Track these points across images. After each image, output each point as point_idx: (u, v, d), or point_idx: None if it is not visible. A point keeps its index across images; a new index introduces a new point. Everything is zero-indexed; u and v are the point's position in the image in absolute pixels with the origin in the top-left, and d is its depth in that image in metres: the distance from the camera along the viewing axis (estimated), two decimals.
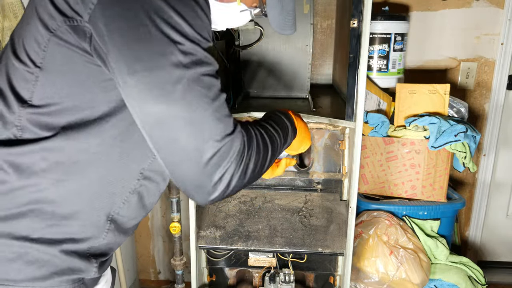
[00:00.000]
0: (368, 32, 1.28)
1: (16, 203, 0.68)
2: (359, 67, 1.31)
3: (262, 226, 1.46)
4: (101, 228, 0.75)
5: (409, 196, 1.72)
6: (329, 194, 1.52)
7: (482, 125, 2.15)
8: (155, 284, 2.43)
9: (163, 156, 0.66)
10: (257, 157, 0.72)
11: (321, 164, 1.51)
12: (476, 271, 1.72)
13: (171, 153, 0.65)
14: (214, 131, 0.64)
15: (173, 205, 1.61)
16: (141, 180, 0.78)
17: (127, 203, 0.78)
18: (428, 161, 1.66)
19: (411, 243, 1.60)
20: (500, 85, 2.07)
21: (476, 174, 2.22)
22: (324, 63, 1.98)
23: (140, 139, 0.71)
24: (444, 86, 1.67)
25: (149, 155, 0.76)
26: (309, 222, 1.46)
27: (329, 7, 1.92)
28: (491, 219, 2.30)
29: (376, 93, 1.76)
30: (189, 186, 0.67)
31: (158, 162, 0.77)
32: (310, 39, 1.58)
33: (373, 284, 1.57)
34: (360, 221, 1.68)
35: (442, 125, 1.60)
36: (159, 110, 0.62)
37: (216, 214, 1.50)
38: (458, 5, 1.99)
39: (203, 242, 1.45)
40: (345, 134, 1.50)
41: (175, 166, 0.66)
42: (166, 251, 2.38)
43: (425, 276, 1.57)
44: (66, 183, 0.69)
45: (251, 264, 1.62)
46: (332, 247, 1.41)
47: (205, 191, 0.67)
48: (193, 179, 0.66)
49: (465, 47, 2.04)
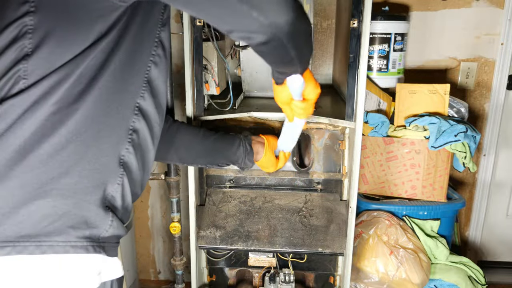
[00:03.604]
0: (368, 32, 1.28)
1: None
2: (359, 67, 1.31)
3: (262, 226, 1.46)
4: (115, 172, 0.76)
5: (409, 196, 1.72)
6: (329, 194, 1.53)
7: (482, 125, 2.15)
8: (155, 284, 2.43)
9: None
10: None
11: (321, 164, 1.51)
12: (476, 271, 1.72)
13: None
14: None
15: (173, 205, 1.61)
16: (138, 115, 0.78)
17: (131, 147, 0.78)
18: (428, 161, 1.66)
19: (411, 243, 1.60)
20: (500, 85, 2.07)
21: (476, 174, 2.22)
22: (324, 63, 1.98)
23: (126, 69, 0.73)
24: (444, 86, 1.67)
25: (142, 87, 0.78)
26: (309, 222, 1.46)
27: (329, 7, 1.92)
28: (491, 219, 2.29)
29: (376, 93, 1.76)
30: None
31: (150, 98, 0.79)
32: None
33: (373, 284, 1.57)
34: (360, 221, 1.68)
35: (442, 125, 1.60)
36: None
37: (216, 214, 1.50)
38: (458, 5, 1.99)
39: (203, 242, 1.45)
40: (345, 134, 1.50)
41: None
42: (166, 251, 2.38)
43: (425, 276, 1.57)
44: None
45: (251, 264, 1.62)
46: (332, 247, 1.41)
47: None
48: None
49: (465, 47, 2.04)
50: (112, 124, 0.75)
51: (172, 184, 1.59)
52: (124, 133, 0.77)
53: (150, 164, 0.88)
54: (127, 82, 0.76)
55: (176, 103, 2.00)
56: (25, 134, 0.67)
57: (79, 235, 0.71)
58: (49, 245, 0.69)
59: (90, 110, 0.71)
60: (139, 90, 0.79)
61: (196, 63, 1.35)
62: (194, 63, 1.36)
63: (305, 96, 0.99)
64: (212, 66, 1.40)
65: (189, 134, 1.19)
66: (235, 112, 1.42)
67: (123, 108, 0.76)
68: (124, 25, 0.72)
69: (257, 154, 1.24)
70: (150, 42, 0.80)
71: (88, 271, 0.73)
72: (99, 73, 0.71)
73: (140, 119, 0.79)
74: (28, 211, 0.68)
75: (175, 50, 1.81)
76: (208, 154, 1.22)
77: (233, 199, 1.53)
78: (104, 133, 0.74)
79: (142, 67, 0.79)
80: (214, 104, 1.46)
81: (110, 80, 0.73)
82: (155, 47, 0.80)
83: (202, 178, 1.53)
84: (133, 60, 0.76)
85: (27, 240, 0.68)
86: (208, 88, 1.42)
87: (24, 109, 0.67)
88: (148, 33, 0.78)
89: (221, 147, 1.21)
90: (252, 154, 1.22)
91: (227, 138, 1.23)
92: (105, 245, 0.75)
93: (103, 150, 0.74)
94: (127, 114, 0.77)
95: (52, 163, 0.69)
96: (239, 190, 1.55)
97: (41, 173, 0.69)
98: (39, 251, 0.68)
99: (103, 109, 0.73)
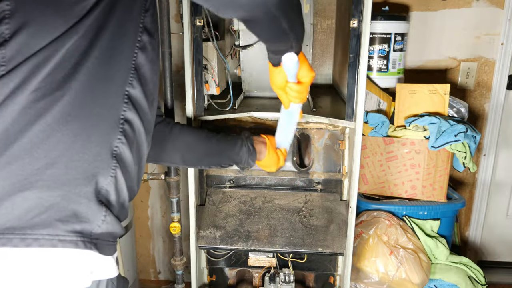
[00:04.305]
0: (368, 32, 1.28)
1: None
2: (359, 67, 1.31)
3: (262, 226, 1.46)
4: (107, 164, 0.73)
5: (409, 196, 1.72)
6: (329, 194, 1.53)
7: (482, 125, 2.15)
8: (155, 284, 2.43)
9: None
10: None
11: (321, 164, 1.51)
12: (476, 271, 1.73)
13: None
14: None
15: (173, 205, 1.61)
16: (128, 103, 0.77)
17: (124, 138, 0.76)
18: (428, 161, 1.66)
19: (411, 243, 1.60)
20: (500, 85, 2.07)
21: (476, 174, 2.22)
22: (324, 63, 1.98)
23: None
24: (444, 86, 1.68)
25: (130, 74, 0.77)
26: (309, 222, 1.46)
27: (329, 7, 1.92)
28: (491, 219, 2.29)
29: (376, 93, 1.76)
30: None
31: (139, 86, 0.78)
32: (310, 39, 1.58)
33: (373, 284, 1.57)
34: (360, 221, 1.68)
35: (442, 125, 1.60)
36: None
37: (216, 214, 1.50)
38: (458, 5, 1.99)
39: (203, 242, 1.45)
40: (345, 134, 1.50)
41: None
42: (166, 251, 2.38)
43: (425, 276, 1.57)
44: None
45: (251, 264, 1.62)
46: (332, 247, 1.41)
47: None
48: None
49: (465, 47, 2.04)
50: (100, 112, 0.72)
51: (172, 184, 1.59)
52: (115, 123, 0.75)
53: (144, 158, 0.86)
54: (113, 69, 0.74)
55: (176, 103, 1.99)
56: (6, 121, 0.66)
57: (68, 229, 0.69)
58: (34, 238, 0.67)
59: (76, 97, 0.69)
60: (127, 77, 0.77)
61: (196, 63, 1.35)
62: (194, 63, 1.36)
63: (300, 79, 1.00)
64: (212, 66, 1.40)
65: (192, 136, 1.18)
66: (235, 112, 1.42)
67: (111, 95, 0.74)
68: (106, 9, 0.71)
69: (260, 154, 1.23)
70: (135, 27, 0.78)
71: (78, 268, 0.71)
72: (83, 58, 0.70)
73: (130, 108, 0.77)
74: (12, 203, 0.66)
75: (175, 50, 1.81)
76: (212, 155, 1.21)
77: (233, 199, 1.53)
78: (92, 122, 0.71)
79: (128, 53, 0.77)
80: (214, 104, 1.46)
81: (95, 65, 0.71)
82: (140, 33, 0.79)
83: (202, 178, 1.53)
84: (118, 46, 0.75)
85: (12, 233, 0.66)
86: (208, 88, 1.42)
87: (4, 97, 0.66)
88: (132, 19, 0.77)
89: (224, 148, 1.21)
90: (255, 154, 1.22)
91: (229, 139, 1.22)
92: (97, 241, 0.72)
93: (92, 141, 0.71)
94: (116, 102, 0.75)
95: (37, 153, 0.67)
96: (239, 190, 1.55)
97: (26, 163, 0.67)
98: (23, 244, 0.66)
99: (90, 97, 0.71)
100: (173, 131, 1.14)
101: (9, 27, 0.66)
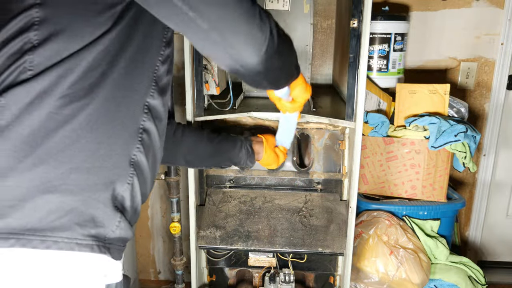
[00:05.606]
0: (368, 32, 1.28)
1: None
2: (359, 67, 1.31)
3: (262, 226, 1.46)
4: (125, 171, 0.75)
5: (409, 196, 1.72)
6: (329, 194, 1.53)
7: (482, 125, 2.15)
8: (155, 284, 2.43)
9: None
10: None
11: (321, 164, 1.51)
12: (476, 271, 1.72)
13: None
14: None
15: (173, 205, 1.61)
16: (148, 114, 0.79)
17: (142, 147, 0.78)
18: (428, 161, 1.66)
19: (411, 243, 1.60)
20: (500, 85, 2.07)
21: (476, 174, 2.22)
22: (324, 63, 1.98)
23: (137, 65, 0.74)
24: (444, 86, 1.68)
25: (151, 81, 0.79)
26: (309, 222, 1.46)
27: (329, 7, 1.92)
28: (491, 219, 2.29)
29: (376, 93, 1.76)
30: (242, 37, 0.68)
31: (159, 97, 0.80)
32: (310, 39, 1.58)
33: (373, 284, 1.57)
34: (360, 221, 1.68)
35: (442, 125, 1.60)
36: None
37: (216, 214, 1.50)
38: (458, 5, 1.99)
39: (203, 242, 1.45)
40: (345, 134, 1.50)
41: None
42: (166, 251, 2.38)
43: (425, 276, 1.57)
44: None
45: (251, 264, 1.62)
46: (332, 247, 1.41)
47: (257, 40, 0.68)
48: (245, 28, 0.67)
49: (465, 47, 2.04)
50: (123, 122, 0.75)
51: (172, 184, 1.59)
52: (134, 132, 0.77)
53: (159, 163, 0.88)
54: (136, 80, 0.76)
55: (176, 103, 1.99)
56: (32, 124, 0.67)
57: (85, 233, 0.70)
58: (53, 241, 0.68)
59: (101, 106, 0.71)
60: (149, 89, 0.79)
61: (196, 63, 1.36)
62: (194, 63, 1.36)
63: (294, 98, 1.02)
64: (212, 66, 1.40)
65: (194, 137, 1.21)
66: (235, 112, 1.42)
67: (133, 105, 0.76)
68: (133, 21, 0.73)
69: (258, 154, 1.27)
70: (159, 42, 0.80)
71: (93, 271, 0.73)
72: (109, 68, 0.71)
73: (150, 118, 0.79)
74: (35, 205, 0.67)
75: (175, 50, 1.80)
76: (214, 156, 1.24)
77: (233, 199, 1.53)
78: (115, 130, 0.73)
79: (151, 65, 0.79)
80: (214, 104, 1.46)
81: (121, 76, 0.73)
82: (163, 47, 0.81)
83: (202, 178, 1.53)
84: (142, 58, 0.77)
85: (32, 234, 0.67)
86: (208, 88, 1.42)
87: (30, 99, 0.67)
88: (158, 32, 0.79)
89: (225, 149, 1.24)
90: (253, 156, 1.25)
91: (229, 140, 1.25)
92: (110, 246, 0.74)
93: (114, 149, 0.73)
94: (137, 112, 0.77)
95: (62, 157, 0.69)
96: (239, 190, 1.55)
97: (51, 167, 0.68)
98: (43, 246, 0.67)
99: (114, 106, 0.73)
100: (176, 132, 1.16)
101: (38, 34, 0.67)
